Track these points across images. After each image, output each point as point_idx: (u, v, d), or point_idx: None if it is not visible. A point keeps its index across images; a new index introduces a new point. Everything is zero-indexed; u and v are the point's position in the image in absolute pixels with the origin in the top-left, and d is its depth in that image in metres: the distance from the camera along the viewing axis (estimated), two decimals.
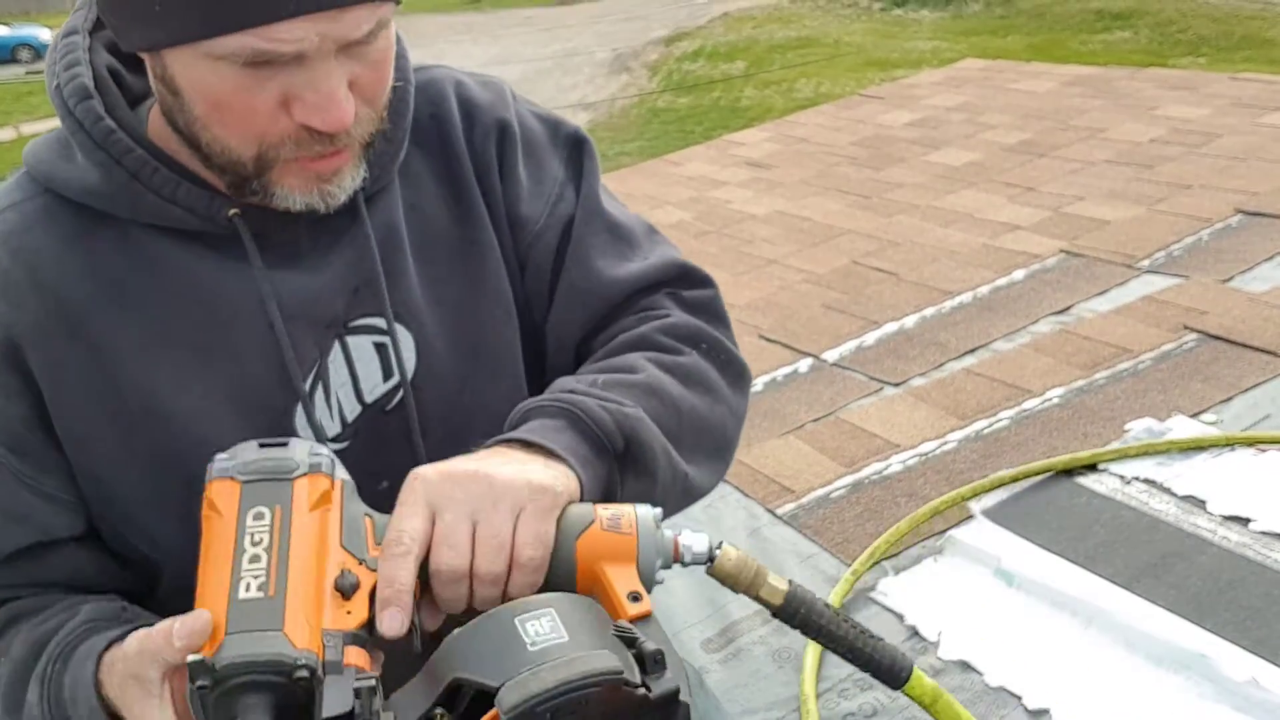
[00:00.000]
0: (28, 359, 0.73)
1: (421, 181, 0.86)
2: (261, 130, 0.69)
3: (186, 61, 0.67)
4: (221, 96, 0.68)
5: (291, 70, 0.67)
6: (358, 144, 0.74)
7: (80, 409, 0.74)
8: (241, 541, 0.60)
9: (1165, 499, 1.90)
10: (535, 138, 0.91)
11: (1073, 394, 2.32)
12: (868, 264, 3.32)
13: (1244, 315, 2.52)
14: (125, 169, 0.73)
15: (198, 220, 0.75)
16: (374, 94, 0.73)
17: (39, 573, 0.77)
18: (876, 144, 4.62)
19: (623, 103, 7.65)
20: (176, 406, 0.75)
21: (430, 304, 0.84)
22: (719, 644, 1.76)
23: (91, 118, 0.73)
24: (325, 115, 0.68)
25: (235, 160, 0.71)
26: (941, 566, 1.83)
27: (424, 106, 0.86)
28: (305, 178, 0.73)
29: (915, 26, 8.73)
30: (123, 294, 0.75)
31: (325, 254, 0.80)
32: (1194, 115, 4.20)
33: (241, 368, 0.78)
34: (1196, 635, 1.56)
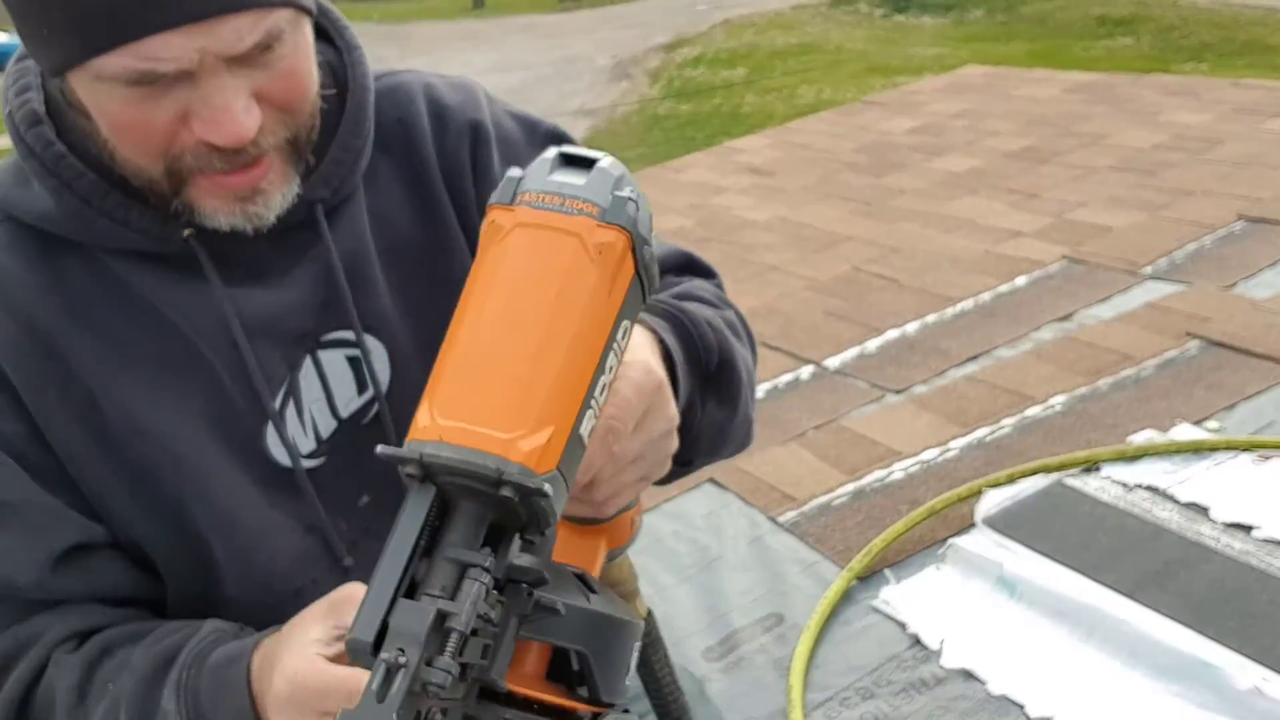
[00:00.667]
0: (10, 379, 0.72)
1: (388, 187, 0.85)
2: (163, 146, 0.68)
3: (84, 85, 0.67)
4: (118, 117, 0.67)
5: (184, 87, 0.66)
6: (276, 154, 0.72)
7: (65, 427, 0.73)
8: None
9: (1168, 506, 1.89)
10: (511, 136, 0.90)
11: (1075, 401, 2.31)
12: (869, 270, 3.31)
13: (1247, 322, 2.51)
14: (76, 194, 0.73)
15: (153, 242, 0.74)
16: (288, 101, 0.71)
17: (88, 579, 0.76)
18: (878, 150, 4.62)
19: (624, 109, 7.66)
20: (153, 424, 0.75)
21: (401, 314, 0.84)
22: (720, 652, 1.75)
23: (42, 143, 0.72)
24: (220, 129, 0.66)
25: (149, 179, 0.71)
26: (943, 575, 1.83)
27: (390, 111, 0.85)
28: (223, 197, 0.72)
29: (917, 33, 8.74)
30: (91, 315, 0.74)
31: (288, 269, 0.79)
32: (1196, 121, 4.20)
33: (211, 387, 0.77)
34: (1200, 644, 1.55)
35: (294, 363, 0.80)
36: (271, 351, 0.78)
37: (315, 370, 0.81)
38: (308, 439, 0.81)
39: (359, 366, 0.82)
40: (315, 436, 0.81)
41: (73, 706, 0.71)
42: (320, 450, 0.81)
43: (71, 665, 0.73)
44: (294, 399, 0.80)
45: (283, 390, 0.80)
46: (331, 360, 0.81)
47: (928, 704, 1.56)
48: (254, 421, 0.78)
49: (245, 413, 0.78)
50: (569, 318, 0.53)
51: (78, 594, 0.76)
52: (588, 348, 0.54)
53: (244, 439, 0.78)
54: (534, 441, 0.50)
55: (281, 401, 0.80)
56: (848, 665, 1.66)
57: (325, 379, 0.81)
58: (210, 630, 0.73)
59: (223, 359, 0.77)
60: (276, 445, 0.79)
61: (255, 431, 0.78)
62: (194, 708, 0.68)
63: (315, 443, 0.81)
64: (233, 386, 0.77)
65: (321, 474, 0.78)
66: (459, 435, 0.50)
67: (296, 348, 0.80)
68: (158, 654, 0.72)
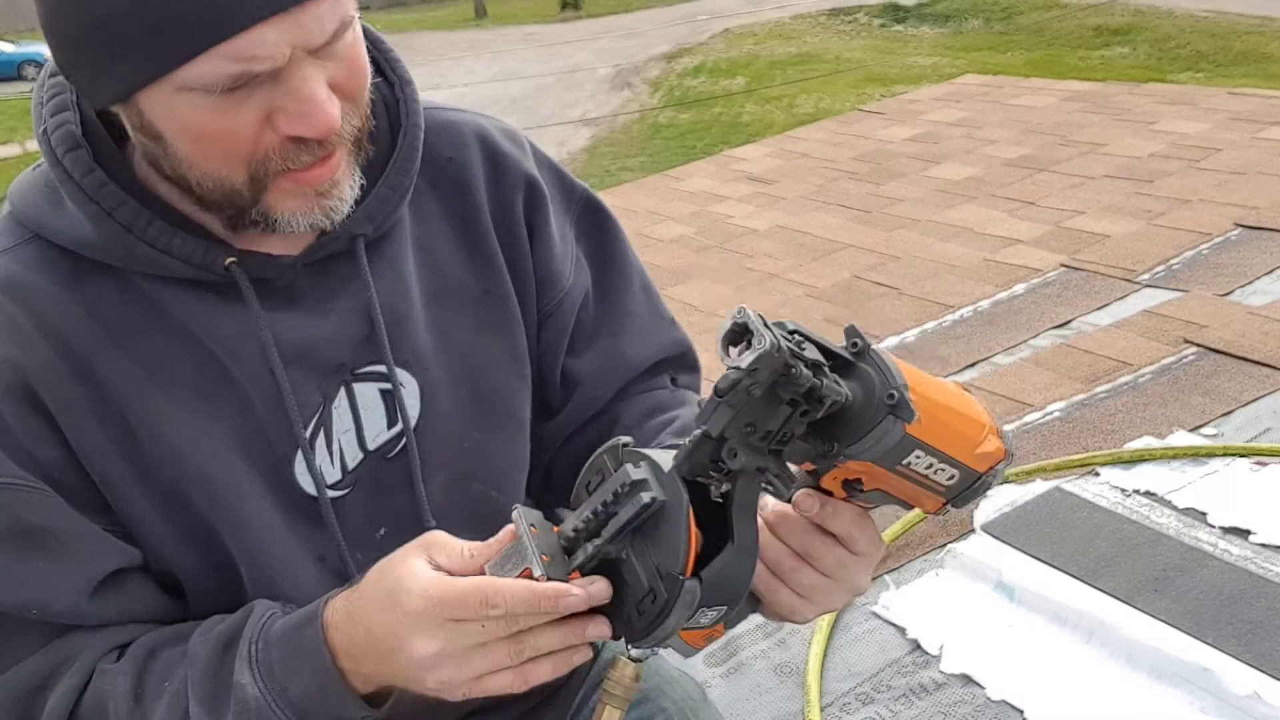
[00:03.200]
0: (46, 403, 0.71)
1: (436, 224, 0.85)
2: (248, 152, 0.68)
3: (162, 101, 0.65)
4: (203, 127, 0.66)
5: (268, 86, 0.65)
6: (348, 145, 0.73)
7: (99, 449, 0.73)
8: None
9: (1166, 512, 1.90)
10: (554, 196, 0.92)
11: (1073, 408, 2.32)
12: (868, 278, 3.33)
13: (1243, 329, 2.53)
14: (118, 222, 0.72)
15: (195, 270, 0.74)
16: (353, 90, 0.71)
17: (123, 604, 0.75)
18: (877, 159, 4.64)
19: (624, 119, 7.67)
20: (186, 446, 0.74)
21: (438, 349, 0.84)
22: (721, 658, 1.76)
23: (81, 169, 0.71)
24: (312, 121, 0.66)
25: (230, 190, 0.70)
26: (943, 580, 1.83)
27: (442, 149, 0.85)
28: (302, 197, 0.72)
29: (915, 42, 8.76)
30: (124, 336, 0.74)
31: (327, 299, 0.79)
32: (1193, 130, 4.22)
33: (243, 413, 0.76)
34: (1198, 649, 1.56)
35: (328, 393, 0.79)
36: (307, 380, 0.78)
37: (348, 401, 0.80)
38: (334, 469, 0.80)
39: (390, 400, 0.82)
40: (341, 467, 0.81)
41: (130, 711, 0.71)
42: (345, 481, 0.81)
43: (121, 671, 0.72)
44: (324, 429, 0.80)
45: (315, 419, 0.79)
46: (364, 393, 0.81)
47: (927, 709, 1.57)
48: (284, 449, 0.78)
49: (276, 440, 0.77)
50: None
51: (112, 619, 0.75)
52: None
53: (273, 466, 0.78)
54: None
55: (313, 431, 0.79)
56: (848, 671, 1.67)
57: (357, 410, 0.81)
58: (264, 608, 0.73)
59: (257, 385, 0.76)
60: (304, 474, 0.79)
61: (284, 459, 0.78)
62: (269, 677, 0.68)
63: (341, 473, 0.81)
64: (265, 413, 0.77)
65: (344, 505, 0.78)
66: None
67: (332, 378, 0.80)
68: (217, 638, 0.72)
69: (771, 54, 10.59)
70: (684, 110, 8.71)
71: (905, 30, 9.69)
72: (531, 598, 0.62)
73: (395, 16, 16.42)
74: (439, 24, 15.07)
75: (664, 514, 0.61)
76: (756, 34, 12.21)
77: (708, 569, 0.62)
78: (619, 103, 8.57)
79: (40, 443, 0.71)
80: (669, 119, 8.44)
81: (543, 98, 8.95)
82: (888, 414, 0.59)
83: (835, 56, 8.63)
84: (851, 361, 0.62)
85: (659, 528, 0.62)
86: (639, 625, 0.63)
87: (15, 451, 0.71)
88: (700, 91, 9.39)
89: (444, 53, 11.49)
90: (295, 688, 0.68)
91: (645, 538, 0.62)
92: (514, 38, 12.56)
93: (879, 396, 0.60)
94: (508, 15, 16.23)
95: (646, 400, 0.95)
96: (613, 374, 0.94)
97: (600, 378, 0.93)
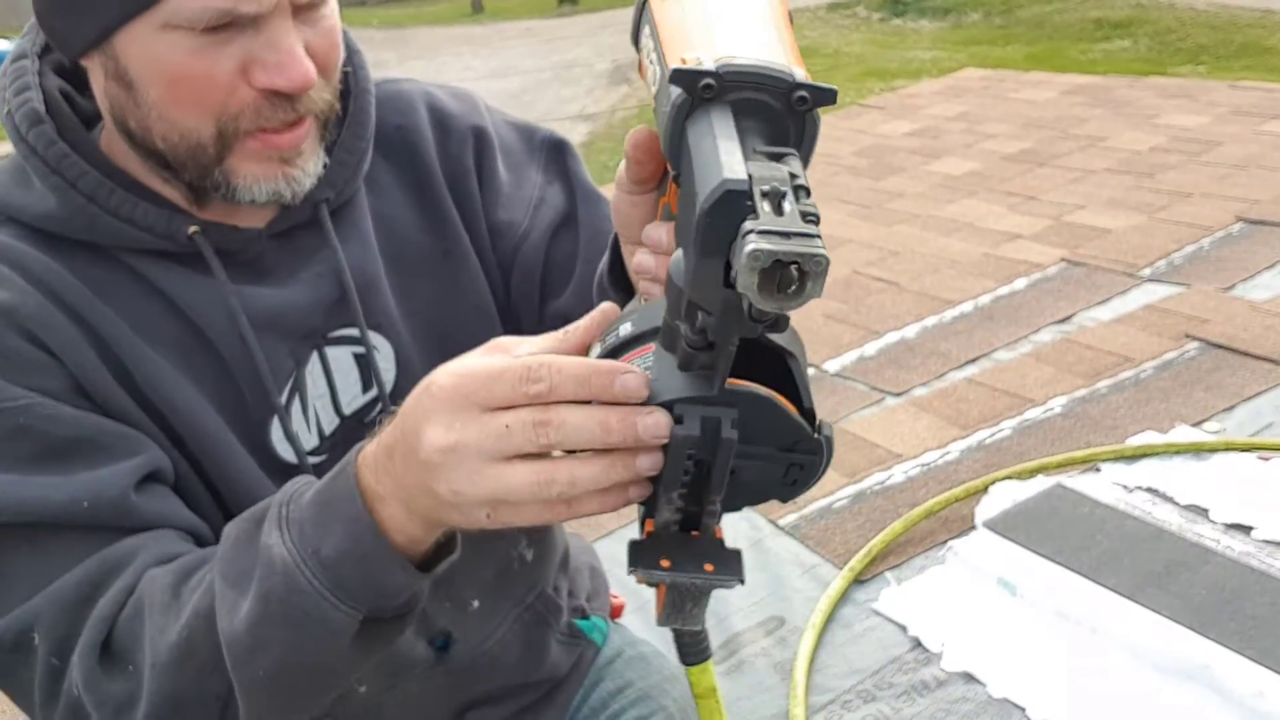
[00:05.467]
0: (47, 342, 0.70)
1: (389, 192, 0.86)
2: (220, 102, 0.68)
3: (141, 40, 0.66)
4: (179, 69, 0.67)
5: (248, 35, 0.67)
6: (314, 120, 0.74)
7: (103, 383, 0.72)
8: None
9: (1168, 508, 1.89)
10: (511, 145, 0.92)
11: (1075, 403, 2.32)
12: (869, 274, 3.32)
13: (1246, 323, 2.52)
14: (80, 192, 0.72)
15: (158, 239, 0.74)
16: (327, 62, 0.73)
17: (167, 505, 0.72)
18: (877, 153, 4.63)
19: (623, 114, 7.65)
20: (178, 397, 0.74)
21: (405, 315, 0.84)
22: (721, 656, 1.75)
23: (44, 142, 0.72)
24: (289, 73, 0.68)
25: (195, 145, 0.70)
26: (944, 578, 1.83)
27: (390, 117, 0.86)
28: (267, 161, 0.72)
29: (915, 36, 8.74)
30: (107, 297, 0.74)
31: (293, 267, 0.80)
32: (1194, 123, 4.21)
33: (222, 378, 0.77)
34: (1201, 645, 1.55)
35: (300, 359, 0.80)
36: (279, 346, 0.78)
37: (321, 366, 0.81)
38: (311, 435, 0.81)
39: (364, 364, 0.82)
40: (319, 433, 0.81)
41: (165, 605, 0.65)
42: (322, 447, 0.81)
43: (168, 571, 0.68)
44: (299, 395, 0.80)
45: (289, 385, 0.80)
46: (338, 357, 0.81)
47: (929, 706, 1.56)
48: (260, 415, 0.78)
49: (252, 406, 0.78)
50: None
51: (158, 520, 0.71)
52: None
53: (251, 432, 0.78)
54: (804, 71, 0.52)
55: (288, 397, 0.79)
56: (849, 668, 1.66)
57: (330, 375, 0.81)
58: (304, 479, 0.65)
59: (231, 352, 0.76)
60: (281, 441, 0.79)
61: (261, 425, 0.78)
62: (300, 537, 0.58)
63: (318, 439, 0.81)
64: (240, 380, 0.77)
65: (322, 470, 0.78)
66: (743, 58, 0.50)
67: (303, 344, 0.80)
68: (251, 513, 0.65)
69: None
70: None
71: (905, 24, 9.66)
72: (584, 372, 0.49)
73: (392, 11, 16.41)
74: (436, 19, 15.05)
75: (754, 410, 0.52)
76: None
77: (804, 397, 0.55)
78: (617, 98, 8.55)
79: (48, 375, 0.70)
80: None
81: (540, 93, 8.93)
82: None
83: (834, 50, 8.61)
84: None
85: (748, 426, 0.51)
86: (791, 493, 0.56)
87: (24, 380, 0.69)
88: None
89: (441, 48, 11.47)
90: (328, 547, 0.57)
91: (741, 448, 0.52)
92: (511, 33, 12.53)
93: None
94: (505, 10, 16.19)
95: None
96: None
97: (586, 308, 0.90)
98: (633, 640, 1.06)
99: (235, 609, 0.60)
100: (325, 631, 0.58)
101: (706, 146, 0.48)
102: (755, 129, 0.51)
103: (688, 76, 0.49)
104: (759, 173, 0.45)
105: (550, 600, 0.96)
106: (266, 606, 0.59)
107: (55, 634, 0.67)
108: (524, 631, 0.94)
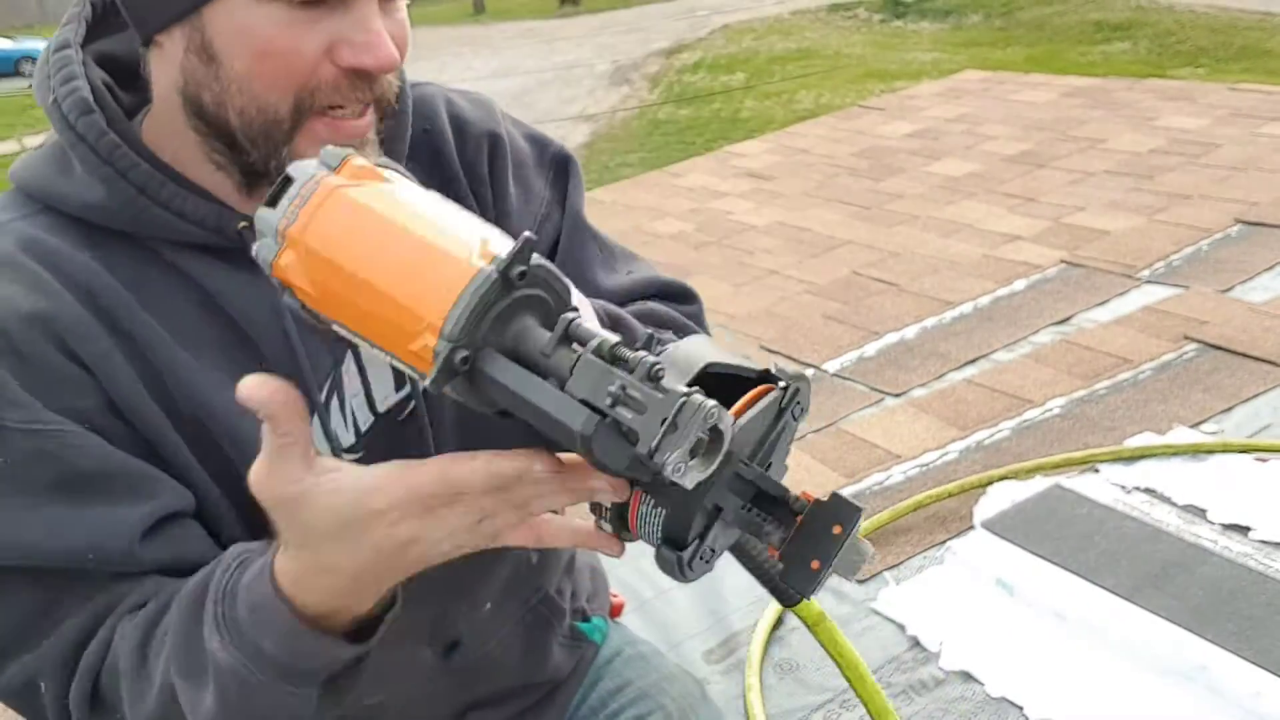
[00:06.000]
0: (79, 353, 0.70)
1: None
2: (304, 78, 0.69)
3: (235, 10, 0.68)
4: (269, 41, 0.68)
5: (338, 15, 0.69)
6: (379, 108, 0.75)
7: (136, 397, 0.72)
8: None
9: (1166, 508, 1.90)
10: (523, 156, 0.92)
11: (1073, 404, 2.32)
12: (868, 275, 3.32)
13: (1244, 325, 2.52)
14: (131, 183, 0.72)
15: (205, 233, 0.74)
16: (401, 51, 0.74)
17: (176, 548, 0.72)
18: (877, 155, 4.64)
19: (623, 114, 7.66)
20: (216, 401, 0.74)
21: None
22: (720, 655, 1.76)
23: (95, 132, 0.72)
24: (376, 53, 0.69)
25: (270, 120, 0.71)
26: (942, 577, 1.83)
27: (417, 122, 0.87)
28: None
29: (915, 38, 8.75)
30: (147, 298, 0.74)
31: None
32: (1193, 126, 4.21)
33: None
34: (1198, 646, 1.56)
35: (339, 356, 0.80)
36: (318, 344, 0.78)
37: (355, 363, 0.81)
38: (348, 433, 0.81)
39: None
40: (355, 431, 0.82)
41: (135, 670, 0.67)
42: (358, 444, 0.82)
43: (135, 626, 0.69)
44: (337, 392, 0.80)
45: (328, 383, 0.80)
46: (372, 354, 0.82)
47: (927, 705, 1.57)
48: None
49: None
50: None
51: (164, 564, 0.72)
52: None
53: None
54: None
55: (326, 395, 0.80)
56: None
57: (365, 373, 0.81)
58: (234, 556, 0.65)
59: (272, 349, 0.76)
60: (320, 438, 0.79)
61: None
62: (238, 638, 0.60)
63: (355, 437, 0.82)
64: (282, 377, 0.77)
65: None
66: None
67: (340, 341, 0.78)
68: (189, 594, 0.66)
69: (771, 49, 10.57)
70: (683, 106, 8.69)
71: (905, 25, 9.67)
72: (490, 477, 0.53)
73: None
74: (438, 19, 15.06)
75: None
76: (756, 29, 12.19)
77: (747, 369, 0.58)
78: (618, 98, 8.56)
79: (80, 392, 0.71)
80: (668, 115, 8.42)
81: (542, 93, 8.93)
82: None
83: (835, 52, 8.62)
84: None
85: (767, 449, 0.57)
86: (795, 420, 0.59)
87: (55, 400, 0.70)
88: (700, 87, 9.36)
89: (442, 48, 11.47)
90: (269, 645, 0.59)
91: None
92: (512, 33, 12.53)
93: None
94: (506, 10, 16.21)
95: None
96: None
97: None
98: (632, 639, 1.07)
99: (198, 703, 0.63)
100: (289, 711, 0.62)
101: (523, 404, 0.49)
102: (533, 327, 0.51)
103: (444, 363, 0.49)
104: (585, 387, 0.47)
105: (554, 602, 0.97)
106: (225, 702, 0.61)
107: (55, 683, 0.69)
108: (526, 633, 0.94)
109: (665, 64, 10.86)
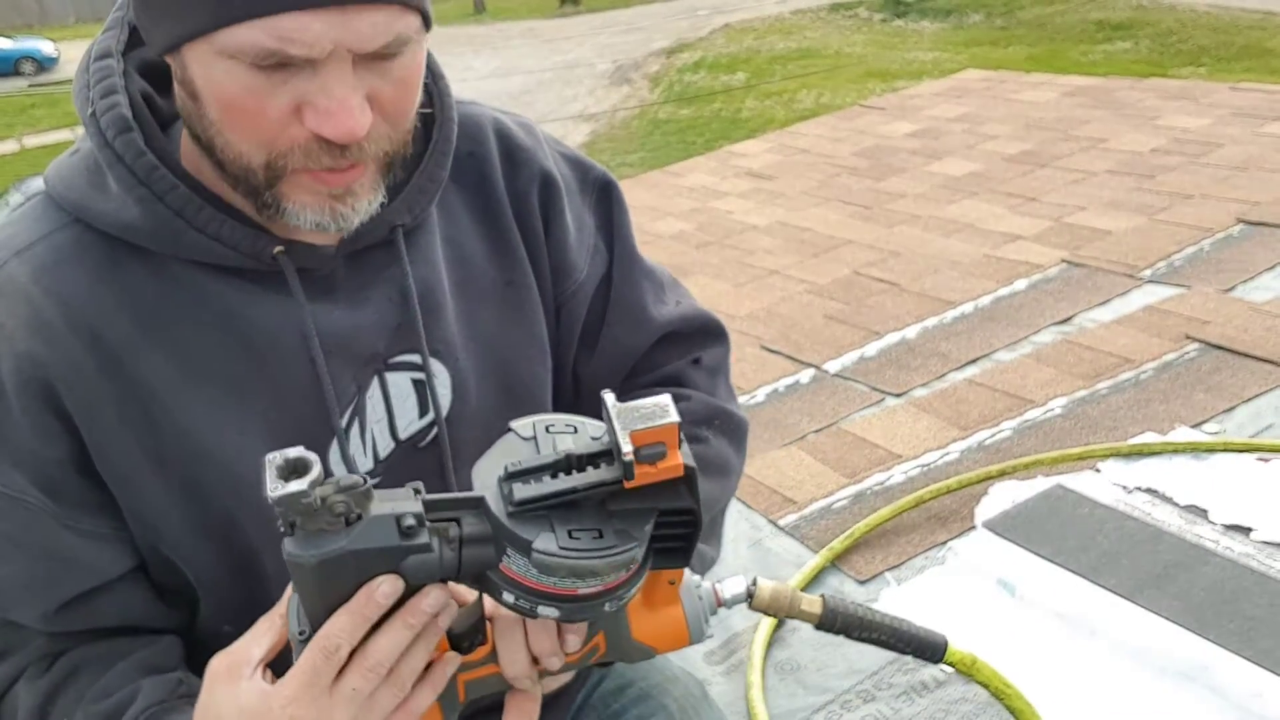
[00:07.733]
0: (64, 401, 0.71)
1: (458, 217, 0.86)
2: (272, 136, 0.67)
3: (203, 59, 0.65)
4: (233, 98, 0.65)
5: (305, 76, 0.65)
6: (373, 162, 0.71)
7: (120, 448, 0.72)
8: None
9: (1168, 508, 1.90)
10: (571, 187, 0.92)
11: (1075, 404, 2.32)
12: (869, 274, 3.32)
13: (1246, 325, 2.52)
14: (168, 206, 0.72)
15: (242, 258, 0.74)
16: (395, 112, 0.70)
17: (92, 619, 0.76)
18: (877, 154, 4.64)
19: (624, 114, 7.67)
20: (213, 445, 0.74)
21: (466, 339, 0.84)
22: (721, 656, 1.76)
23: (133, 152, 0.71)
24: (335, 123, 0.65)
25: (246, 168, 0.69)
26: (944, 578, 1.83)
27: (462, 144, 0.85)
28: (316, 194, 0.71)
29: (916, 37, 8.75)
30: (158, 328, 0.73)
31: (363, 289, 0.80)
32: (1195, 125, 4.21)
33: (279, 403, 0.76)
34: (1200, 646, 1.56)
35: (363, 383, 0.80)
36: (344, 370, 0.78)
37: (381, 391, 0.81)
38: (367, 459, 0.81)
39: (423, 390, 0.82)
40: (374, 457, 0.81)
41: None
42: (377, 470, 0.81)
43: (38, 689, 0.73)
44: (359, 419, 0.80)
45: (350, 410, 0.80)
46: (397, 382, 0.81)
47: (929, 706, 1.57)
48: (320, 440, 0.78)
49: (311, 430, 0.77)
50: None
51: (78, 629, 0.76)
52: None
53: None
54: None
55: (348, 421, 0.80)
56: (849, 668, 1.66)
57: (389, 400, 0.81)
58: (143, 707, 0.71)
59: (294, 375, 0.76)
60: (338, 463, 0.79)
61: (320, 449, 0.77)
62: None
63: (373, 463, 0.81)
64: (301, 403, 0.77)
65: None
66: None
67: (366, 368, 0.80)
68: (95, 716, 0.72)
69: (772, 49, 10.57)
70: (684, 106, 8.69)
71: (906, 25, 9.67)
72: (353, 618, 0.60)
73: None
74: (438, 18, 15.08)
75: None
76: (757, 29, 12.19)
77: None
78: (618, 98, 8.57)
79: (48, 441, 0.71)
80: (669, 114, 8.42)
81: (542, 93, 8.94)
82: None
83: (836, 51, 8.62)
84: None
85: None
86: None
87: (14, 451, 0.71)
88: (700, 87, 9.37)
89: (443, 48, 11.48)
90: None
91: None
92: (512, 33, 12.54)
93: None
94: (506, 10, 16.21)
95: (641, 379, 0.96)
96: (618, 362, 0.94)
97: (608, 367, 0.93)
98: None
99: None
100: None
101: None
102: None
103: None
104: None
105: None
106: None
107: None
108: None
109: (666, 63, 10.86)
